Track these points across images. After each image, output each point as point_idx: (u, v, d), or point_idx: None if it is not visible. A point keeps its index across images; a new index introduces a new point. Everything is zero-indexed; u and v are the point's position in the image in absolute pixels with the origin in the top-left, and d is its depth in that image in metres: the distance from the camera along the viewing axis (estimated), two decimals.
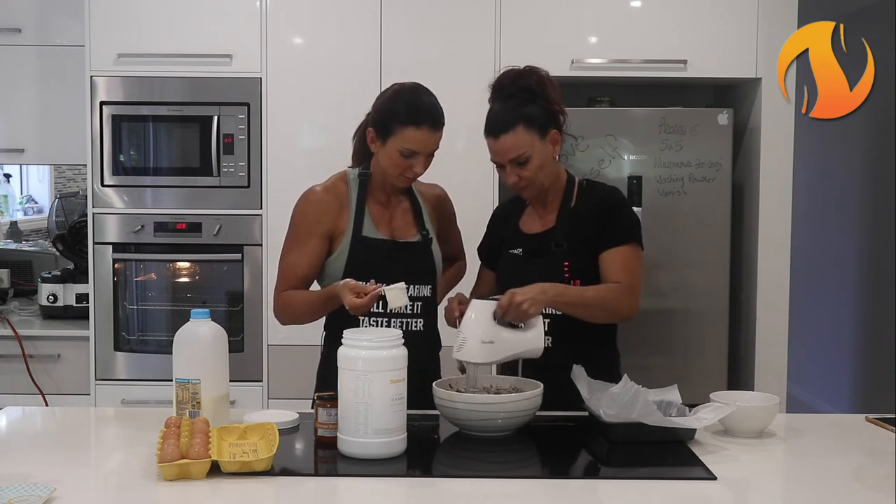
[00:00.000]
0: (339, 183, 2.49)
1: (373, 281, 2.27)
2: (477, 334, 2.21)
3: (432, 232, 2.52)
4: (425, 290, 2.46)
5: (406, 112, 2.35)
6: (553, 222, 2.44)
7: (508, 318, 2.22)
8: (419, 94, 2.40)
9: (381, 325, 2.39)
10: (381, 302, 2.30)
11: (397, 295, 2.22)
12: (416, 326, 2.43)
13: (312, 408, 2.25)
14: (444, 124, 2.39)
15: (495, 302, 2.23)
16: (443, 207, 2.61)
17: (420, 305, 2.45)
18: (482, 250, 2.64)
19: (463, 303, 2.33)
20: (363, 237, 2.43)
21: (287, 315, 2.47)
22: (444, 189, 2.63)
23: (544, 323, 2.31)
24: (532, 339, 2.24)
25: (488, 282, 2.58)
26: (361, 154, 2.51)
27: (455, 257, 2.71)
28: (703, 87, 3.97)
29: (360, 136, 2.49)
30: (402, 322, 2.41)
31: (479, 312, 2.23)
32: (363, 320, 2.37)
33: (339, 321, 2.31)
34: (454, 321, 2.32)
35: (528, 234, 2.49)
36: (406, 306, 2.32)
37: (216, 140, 3.60)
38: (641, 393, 2.08)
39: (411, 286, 2.41)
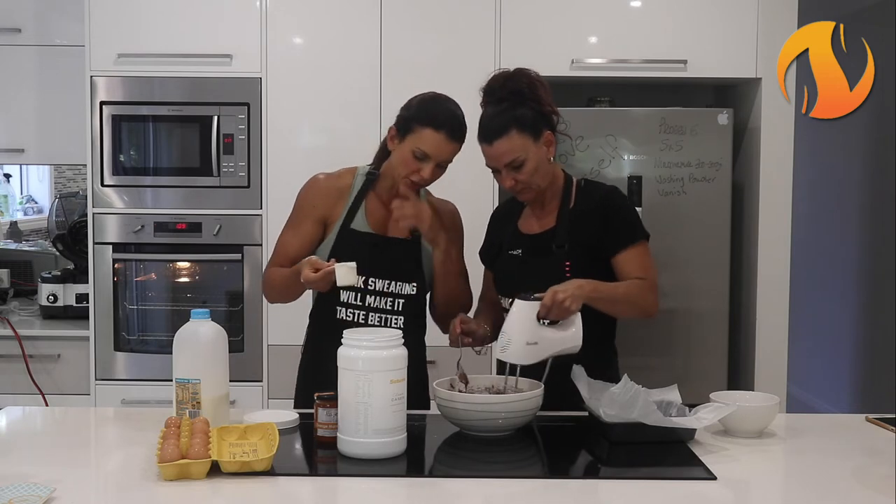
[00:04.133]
0: (345, 174, 2.51)
1: (334, 260, 2.29)
2: (522, 336, 2.19)
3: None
4: (408, 288, 2.45)
5: (428, 114, 2.36)
6: (552, 223, 2.44)
7: (552, 317, 2.21)
8: (446, 102, 2.41)
9: (358, 318, 2.40)
10: (359, 294, 2.34)
11: (346, 273, 2.22)
12: (395, 324, 2.41)
13: (296, 407, 2.24)
14: (463, 138, 2.38)
15: (538, 302, 2.20)
16: (451, 222, 2.55)
17: (402, 303, 2.44)
18: (483, 252, 2.63)
19: (465, 322, 2.33)
20: (351, 229, 2.44)
21: (267, 290, 2.53)
22: (454, 203, 2.60)
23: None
24: (572, 337, 2.23)
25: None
26: (382, 156, 2.51)
27: (451, 272, 2.52)
28: (703, 87, 3.97)
29: (384, 140, 2.50)
30: (380, 318, 2.41)
31: (523, 313, 2.20)
32: (339, 311, 2.40)
33: (322, 314, 2.38)
34: (456, 340, 2.33)
35: (526, 235, 2.48)
36: (355, 284, 2.29)
37: (216, 140, 3.60)
38: (641, 393, 2.08)
39: (393, 282, 2.42)
